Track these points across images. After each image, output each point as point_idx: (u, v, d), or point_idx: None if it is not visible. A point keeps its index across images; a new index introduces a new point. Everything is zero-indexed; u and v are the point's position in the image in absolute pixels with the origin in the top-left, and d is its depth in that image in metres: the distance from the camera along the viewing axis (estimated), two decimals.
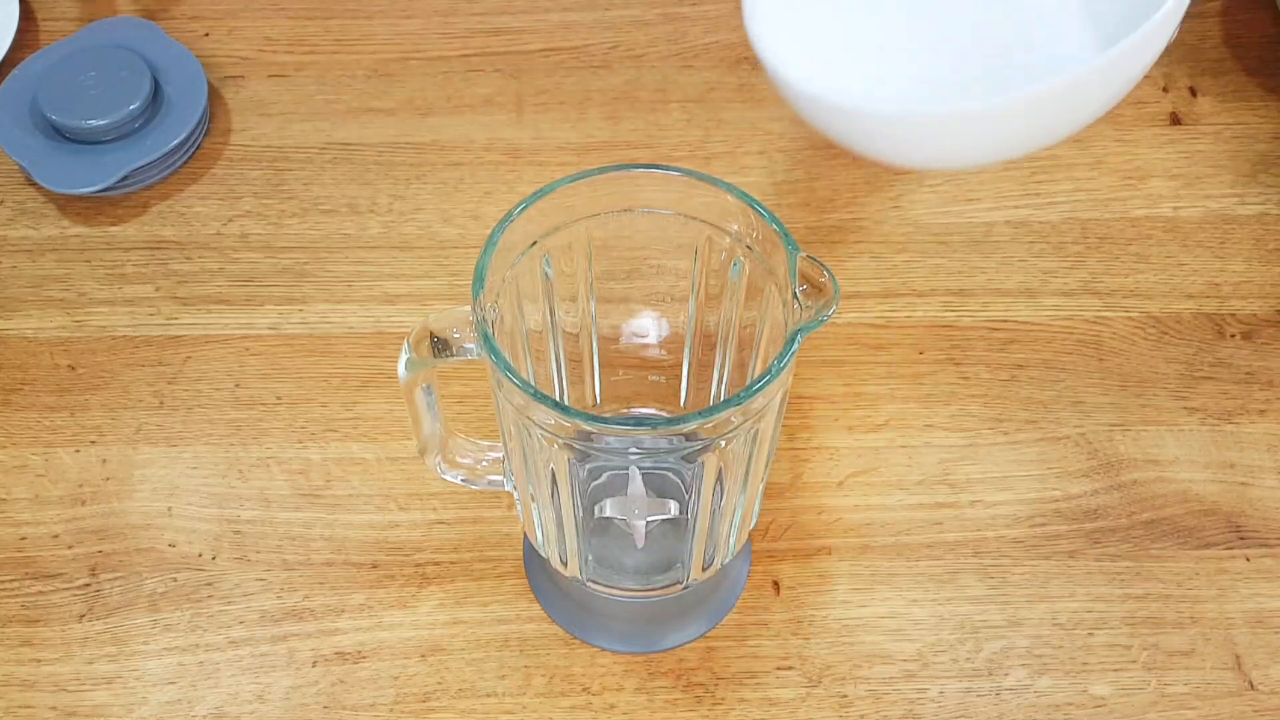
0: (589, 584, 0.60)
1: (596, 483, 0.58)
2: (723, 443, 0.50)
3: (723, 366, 0.61)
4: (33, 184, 0.79)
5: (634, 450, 0.51)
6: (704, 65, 0.86)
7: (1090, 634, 0.64)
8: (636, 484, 0.59)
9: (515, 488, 0.58)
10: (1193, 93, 0.85)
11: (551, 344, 0.60)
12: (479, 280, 0.50)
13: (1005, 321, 0.74)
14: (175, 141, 0.79)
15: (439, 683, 0.62)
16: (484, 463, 0.59)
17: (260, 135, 0.83)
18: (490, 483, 0.59)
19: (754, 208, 0.52)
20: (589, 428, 0.48)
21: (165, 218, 0.79)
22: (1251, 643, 0.63)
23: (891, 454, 0.69)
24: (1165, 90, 0.85)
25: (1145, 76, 0.85)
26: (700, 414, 0.47)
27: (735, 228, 0.54)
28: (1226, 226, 0.78)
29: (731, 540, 0.59)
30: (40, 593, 0.65)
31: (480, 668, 0.63)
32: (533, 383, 0.49)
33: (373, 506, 0.68)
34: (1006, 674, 0.62)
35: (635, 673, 0.63)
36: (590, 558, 0.59)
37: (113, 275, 0.76)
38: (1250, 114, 0.84)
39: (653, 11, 0.89)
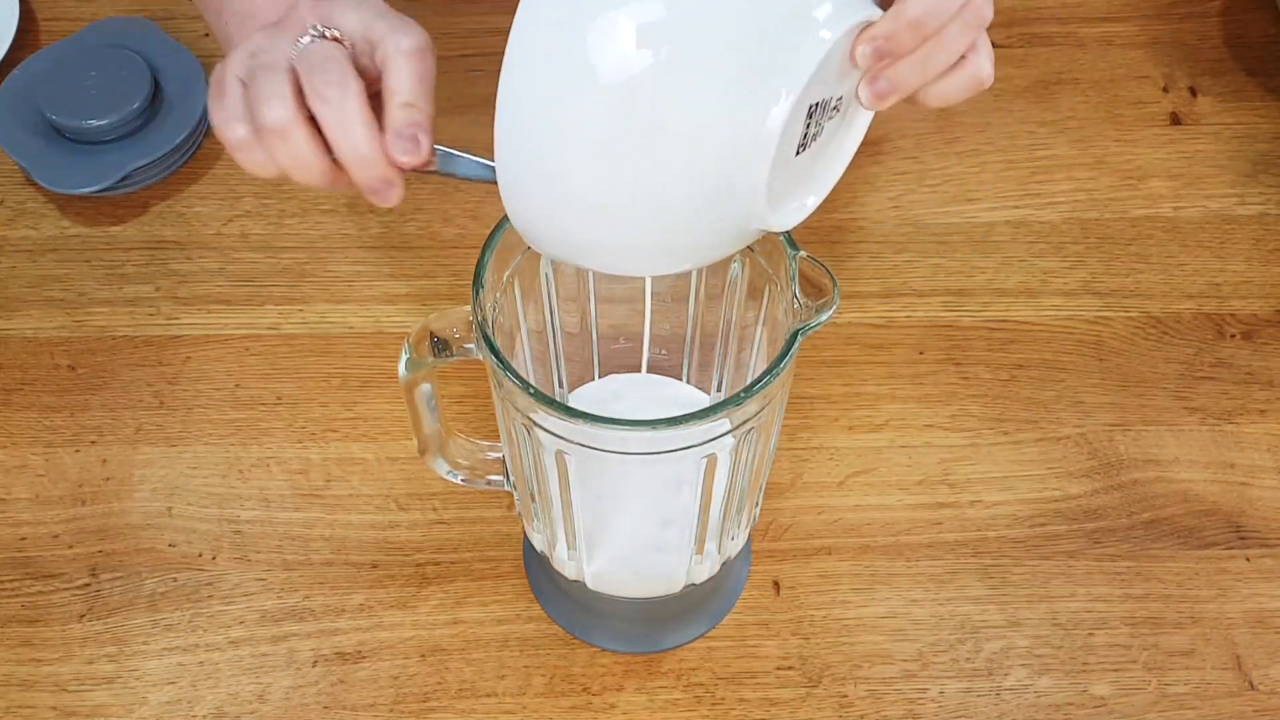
0: (589, 584, 0.60)
1: (597, 481, 0.58)
2: (723, 442, 0.50)
3: (723, 366, 0.61)
4: (33, 184, 0.79)
5: (633, 451, 0.51)
6: None
7: (1090, 634, 0.64)
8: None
9: (515, 488, 0.58)
10: (1193, 93, 0.85)
11: (551, 344, 0.60)
12: (479, 280, 0.50)
13: (1005, 321, 0.74)
14: (175, 141, 0.78)
15: (439, 683, 0.62)
16: (484, 463, 0.59)
17: None
18: (490, 483, 0.59)
19: None
20: (589, 428, 0.48)
21: (165, 218, 0.79)
22: (1251, 643, 0.63)
23: (891, 454, 0.69)
24: (1165, 90, 0.85)
25: (1145, 76, 0.85)
26: (700, 414, 0.47)
27: None
28: (1226, 226, 0.78)
29: (732, 539, 0.59)
30: (40, 593, 0.65)
31: (480, 668, 0.63)
32: (533, 383, 0.49)
33: (373, 506, 0.68)
34: (1006, 674, 0.62)
35: (635, 673, 0.63)
36: (591, 556, 0.59)
37: (113, 275, 0.76)
38: (1250, 114, 0.84)
39: None
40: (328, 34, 0.50)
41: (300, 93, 0.49)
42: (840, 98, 0.46)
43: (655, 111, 0.42)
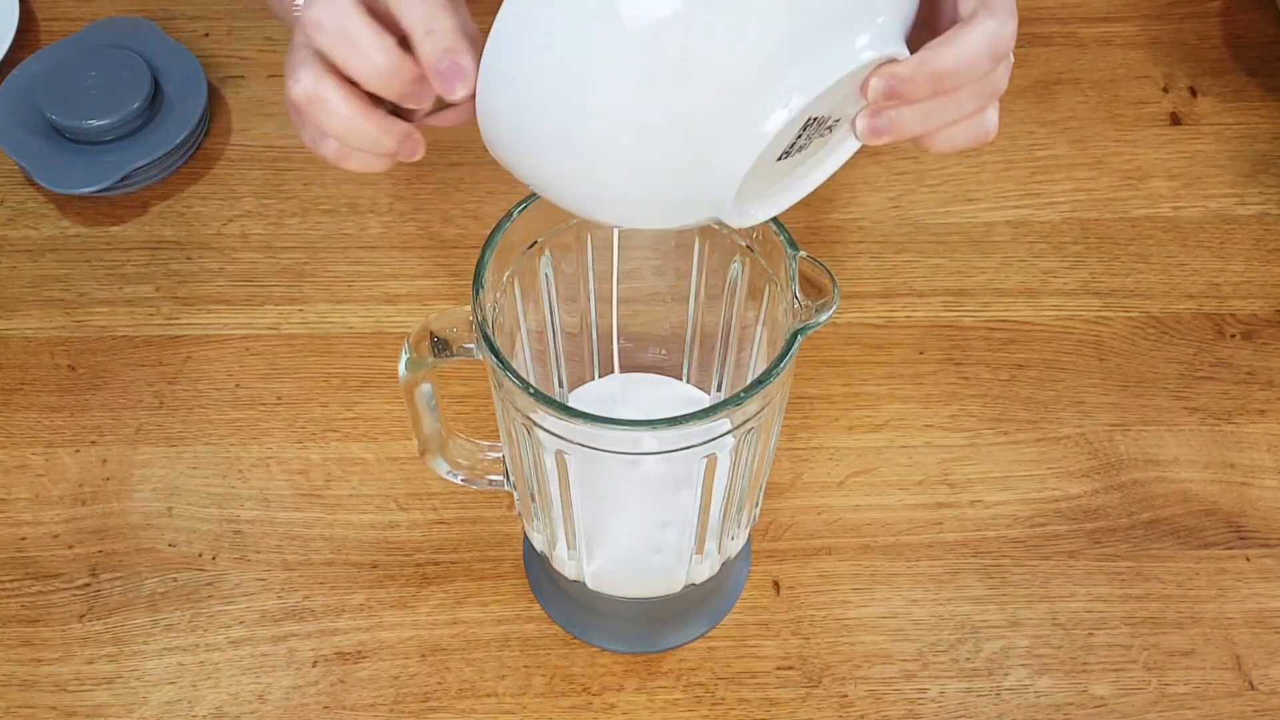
0: (589, 584, 0.60)
1: (597, 481, 0.58)
2: (723, 442, 0.50)
3: (723, 366, 0.61)
4: (33, 184, 0.79)
5: (633, 451, 0.51)
6: None
7: (1090, 634, 0.64)
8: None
9: (515, 488, 0.58)
10: (1193, 93, 0.85)
11: (551, 344, 0.60)
12: (479, 280, 0.50)
13: (1005, 321, 0.74)
14: (175, 141, 0.78)
15: (439, 683, 0.62)
16: (484, 462, 0.59)
17: (260, 135, 0.83)
18: (490, 483, 0.60)
19: None
20: (589, 428, 0.48)
21: (165, 218, 0.79)
22: (1251, 643, 0.63)
23: (891, 454, 0.69)
24: (1165, 90, 0.85)
25: (1145, 76, 0.85)
26: (700, 414, 0.47)
27: None
28: (1226, 226, 0.78)
29: (732, 539, 0.59)
30: (40, 593, 0.65)
31: (480, 668, 0.63)
32: (533, 383, 0.49)
33: (373, 506, 0.68)
34: (1006, 674, 0.62)
35: (635, 673, 0.63)
36: (591, 556, 0.59)
37: (113, 275, 0.76)
38: (1250, 114, 0.84)
39: None
40: None
41: (322, 59, 0.47)
42: (837, 120, 0.46)
43: (659, 64, 0.41)
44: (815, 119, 0.44)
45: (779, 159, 0.45)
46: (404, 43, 0.47)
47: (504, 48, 0.43)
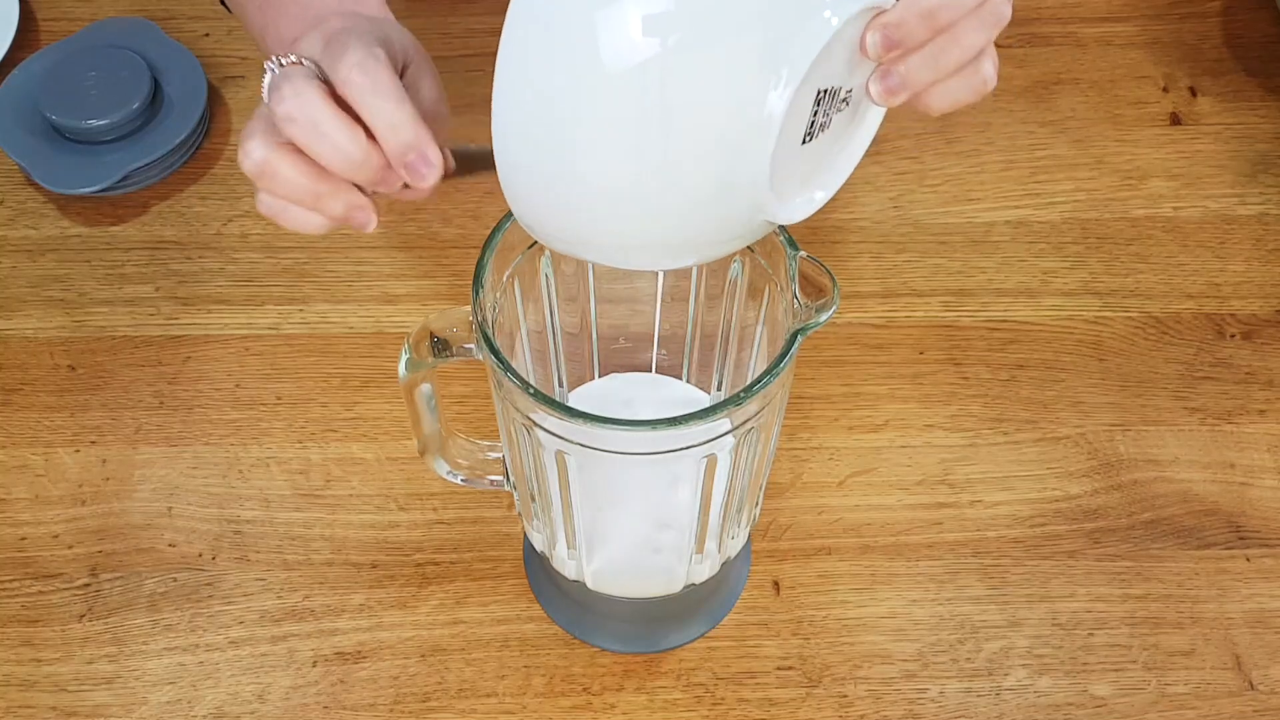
0: (589, 584, 0.60)
1: (597, 481, 0.58)
2: (723, 442, 0.50)
3: (723, 366, 0.61)
4: (33, 184, 0.79)
5: (633, 451, 0.51)
6: None
7: (1090, 634, 0.64)
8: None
9: (515, 488, 0.58)
10: (1193, 93, 0.85)
11: (551, 344, 0.60)
12: (479, 280, 0.50)
13: (1005, 321, 0.74)
14: (175, 141, 0.78)
15: (439, 683, 0.62)
16: (484, 462, 0.59)
17: None
18: (490, 483, 0.59)
19: None
20: (589, 428, 0.48)
21: (165, 218, 0.79)
22: (1251, 643, 0.63)
23: (891, 454, 0.69)
24: (1165, 90, 0.85)
25: (1145, 76, 0.86)
26: (700, 414, 0.47)
27: None
28: (1226, 226, 0.78)
29: (732, 539, 0.59)
30: (40, 593, 0.65)
31: (480, 668, 0.63)
32: (533, 383, 0.49)
33: (373, 506, 0.68)
34: (1006, 674, 0.62)
35: (635, 673, 0.63)
36: (591, 556, 0.59)
37: (113, 275, 0.76)
38: (1250, 114, 0.84)
39: None
40: (285, 61, 0.48)
41: (274, 130, 0.47)
42: (850, 90, 0.46)
43: (658, 98, 0.41)
44: (825, 91, 0.44)
45: (804, 143, 0.45)
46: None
47: (504, 132, 0.43)
